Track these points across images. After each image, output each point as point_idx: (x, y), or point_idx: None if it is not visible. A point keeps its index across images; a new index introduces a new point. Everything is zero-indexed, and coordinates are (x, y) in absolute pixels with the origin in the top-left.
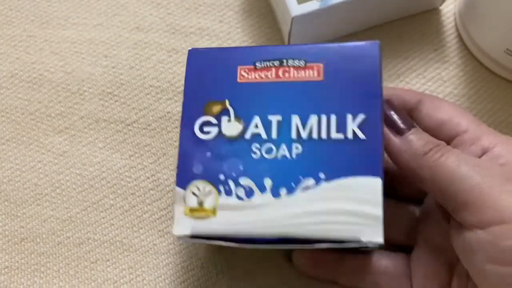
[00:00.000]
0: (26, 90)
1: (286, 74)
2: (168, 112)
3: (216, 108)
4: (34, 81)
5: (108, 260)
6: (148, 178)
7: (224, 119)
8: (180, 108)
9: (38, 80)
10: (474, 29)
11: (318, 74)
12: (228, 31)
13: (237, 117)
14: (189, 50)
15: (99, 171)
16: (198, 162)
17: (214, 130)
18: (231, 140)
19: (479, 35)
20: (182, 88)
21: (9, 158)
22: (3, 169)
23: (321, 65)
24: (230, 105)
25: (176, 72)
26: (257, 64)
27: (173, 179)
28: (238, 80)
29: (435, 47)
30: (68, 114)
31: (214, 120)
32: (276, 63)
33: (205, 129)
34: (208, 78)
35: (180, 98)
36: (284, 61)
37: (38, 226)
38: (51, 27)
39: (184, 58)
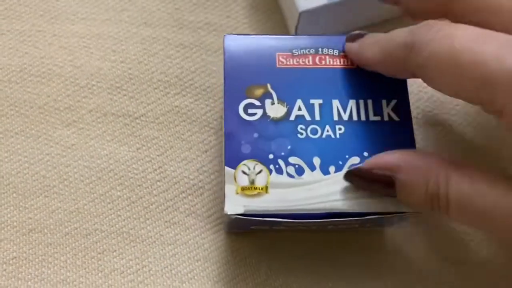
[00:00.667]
0: (35, 84)
1: (323, 62)
2: (176, 106)
3: (259, 92)
4: (43, 75)
5: (115, 250)
6: (155, 170)
7: (268, 101)
8: (188, 102)
9: (47, 74)
10: None
11: (352, 63)
12: (235, 26)
13: (280, 100)
14: (224, 36)
15: (106, 163)
16: (246, 142)
17: (259, 112)
18: (276, 121)
19: None
20: (190, 83)
21: (17, 150)
22: (11, 161)
23: None
24: (272, 88)
25: (184, 67)
26: (294, 51)
27: (180, 170)
28: (277, 65)
29: None
30: (77, 107)
31: (257, 103)
32: (312, 51)
33: (250, 111)
34: (247, 62)
35: (187, 92)
36: (320, 49)
37: (46, 217)
38: (59, 22)
39: (191, 53)
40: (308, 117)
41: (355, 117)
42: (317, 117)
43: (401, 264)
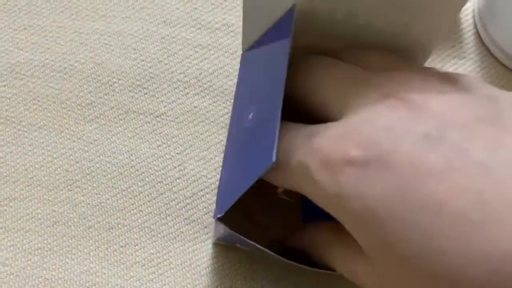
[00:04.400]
0: (57, 79)
1: None
2: (195, 107)
3: None
4: (65, 71)
5: (137, 244)
6: (175, 167)
7: None
8: (206, 104)
9: (69, 70)
10: (493, 27)
11: None
12: None
13: None
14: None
15: (128, 159)
16: None
17: None
18: None
19: (498, 33)
20: (209, 84)
21: (41, 144)
22: (35, 155)
23: None
24: None
25: (203, 68)
26: None
27: (198, 169)
28: None
29: (453, 43)
30: (99, 104)
31: None
32: None
33: None
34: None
35: (206, 94)
36: None
37: (69, 210)
38: (80, 19)
39: (209, 55)
40: None
41: None
42: None
43: None
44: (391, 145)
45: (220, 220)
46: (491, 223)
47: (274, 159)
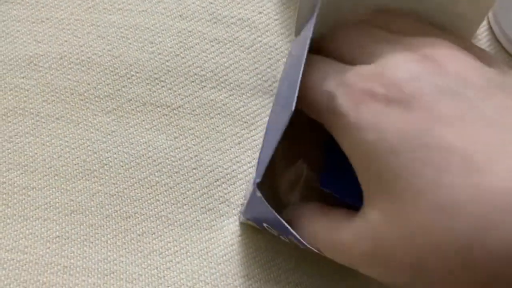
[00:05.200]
0: (75, 72)
1: None
2: (212, 100)
3: None
4: (83, 63)
5: (154, 233)
6: (191, 158)
7: None
8: (223, 97)
9: (87, 62)
10: (506, 22)
11: None
12: (267, 22)
13: None
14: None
15: (145, 150)
16: None
17: None
18: None
19: (510, 28)
20: (225, 78)
21: (58, 135)
22: (53, 145)
23: None
24: None
25: (219, 62)
26: None
27: (214, 160)
28: None
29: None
30: (116, 96)
31: None
32: None
33: None
34: None
35: (222, 87)
36: None
37: (87, 199)
38: (97, 12)
39: (225, 49)
40: None
41: None
42: None
43: None
44: (413, 90)
45: (258, 187)
46: (495, 164)
47: (293, 108)
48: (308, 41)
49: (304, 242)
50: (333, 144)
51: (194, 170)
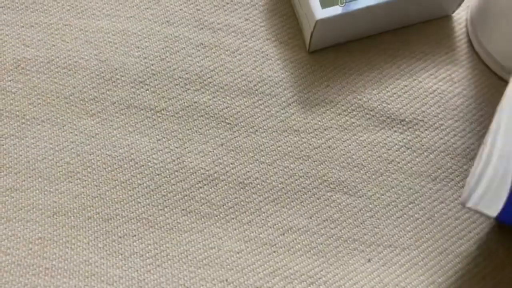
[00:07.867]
0: (62, 75)
1: None
2: (195, 102)
3: None
4: (69, 67)
5: (135, 235)
6: (174, 160)
7: None
8: (206, 99)
9: (73, 66)
10: (484, 36)
11: None
12: (253, 29)
13: None
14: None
15: (128, 152)
16: None
17: None
18: None
19: (488, 41)
20: (209, 80)
21: (43, 138)
22: (37, 147)
23: None
24: None
25: (204, 66)
26: None
27: (196, 162)
28: None
29: (447, 50)
30: (101, 99)
31: None
32: None
33: None
34: None
35: (206, 90)
36: None
37: (69, 201)
38: (85, 17)
39: (211, 53)
40: None
41: None
42: None
43: None
44: None
45: None
46: None
47: None
48: None
49: None
50: None
51: (176, 173)
